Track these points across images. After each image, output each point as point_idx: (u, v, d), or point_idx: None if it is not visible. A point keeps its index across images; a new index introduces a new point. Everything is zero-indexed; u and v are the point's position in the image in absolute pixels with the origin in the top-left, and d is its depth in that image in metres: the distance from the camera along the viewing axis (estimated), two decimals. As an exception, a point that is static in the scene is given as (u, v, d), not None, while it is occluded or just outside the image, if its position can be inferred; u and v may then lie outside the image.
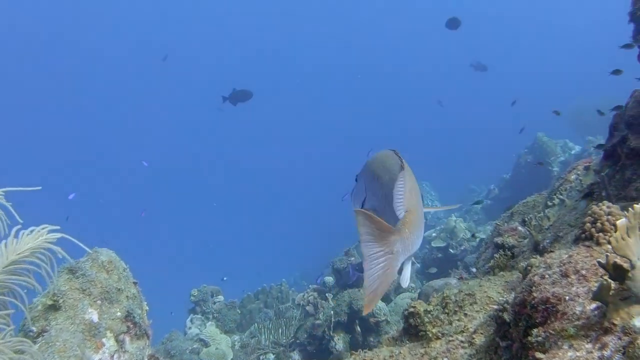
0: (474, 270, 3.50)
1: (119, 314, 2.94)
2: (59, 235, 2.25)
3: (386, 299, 5.77)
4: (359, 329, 5.52)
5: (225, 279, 7.97)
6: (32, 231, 2.22)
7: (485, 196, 12.73)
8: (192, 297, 6.04)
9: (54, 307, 2.72)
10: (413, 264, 8.51)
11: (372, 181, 1.81)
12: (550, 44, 31.73)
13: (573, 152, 10.85)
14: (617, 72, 4.12)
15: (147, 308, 3.25)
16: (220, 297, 6.23)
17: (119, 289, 3.00)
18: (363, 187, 1.89)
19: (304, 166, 30.38)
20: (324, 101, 34.84)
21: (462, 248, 7.23)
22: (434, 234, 7.71)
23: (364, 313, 1.46)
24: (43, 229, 2.29)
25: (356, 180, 1.97)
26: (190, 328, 5.81)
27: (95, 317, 2.82)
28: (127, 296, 3.06)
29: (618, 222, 1.30)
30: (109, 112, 34.52)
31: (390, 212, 1.62)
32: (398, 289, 5.94)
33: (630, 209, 1.31)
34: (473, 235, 5.84)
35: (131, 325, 2.98)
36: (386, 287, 1.47)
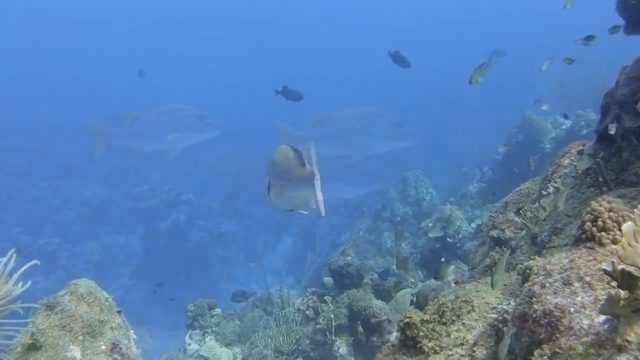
0: (466, 271, 3.35)
1: (103, 347, 2.80)
2: (15, 276, 2.11)
3: (387, 296, 5.62)
4: (361, 329, 5.38)
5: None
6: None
7: (479, 179, 12.56)
8: (188, 313, 5.88)
9: (34, 347, 2.59)
10: (411, 254, 8.41)
11: (273, 168, 2.29)
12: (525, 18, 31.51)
13: (564, 127, 10.66)
14: (589, 38, 4.06)
15: (135, 337, 3.10)
16: (218, 310, 6.07)
17: (102, 321, 2.86)
18: (268, 179, 2.33)
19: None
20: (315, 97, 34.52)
21: (459, 236, 7.10)
22: (430, 224, 7.56)
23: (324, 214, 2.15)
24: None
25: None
26: (189, 344, 5.66)
27: (77, 354, 2.69)
28: (111, 327, 2.92)
29: (623, 227, 1.15)
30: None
31: (288, 176, 2.23)
32: (398, 286, 5.79)
33: (636, 210, 1.16)
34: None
35: (118, 357, 2.86)
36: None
